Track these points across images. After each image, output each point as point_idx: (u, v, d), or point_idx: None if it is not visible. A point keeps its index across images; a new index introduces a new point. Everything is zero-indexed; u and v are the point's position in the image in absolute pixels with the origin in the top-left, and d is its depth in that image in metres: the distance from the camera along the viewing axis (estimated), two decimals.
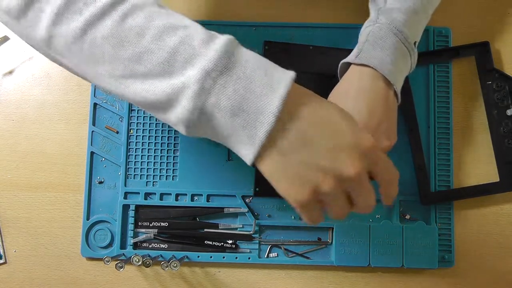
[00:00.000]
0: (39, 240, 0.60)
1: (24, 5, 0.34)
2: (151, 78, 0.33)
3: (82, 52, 0.34)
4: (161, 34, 0.33)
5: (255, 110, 0.33)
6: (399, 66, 0.48)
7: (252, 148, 0.34)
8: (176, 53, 0.33)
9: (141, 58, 0.33)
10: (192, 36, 0.34)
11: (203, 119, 0.33)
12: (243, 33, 0.62)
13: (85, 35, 0.33)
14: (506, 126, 0.59)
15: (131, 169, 0.60)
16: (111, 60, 0.34)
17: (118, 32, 0.33)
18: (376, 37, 0.48)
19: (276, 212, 0.60)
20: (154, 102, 0.34)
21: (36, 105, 0.62)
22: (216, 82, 0.33)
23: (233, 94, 0.33)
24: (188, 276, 0.59)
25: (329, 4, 0.63)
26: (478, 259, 0.60)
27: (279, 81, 0.34)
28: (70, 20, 0.33)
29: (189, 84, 0.32)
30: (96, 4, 0.33)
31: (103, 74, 0.35)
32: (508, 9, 0.63)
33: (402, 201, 0.60)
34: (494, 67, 0.60)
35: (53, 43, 0.35)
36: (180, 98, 0.33)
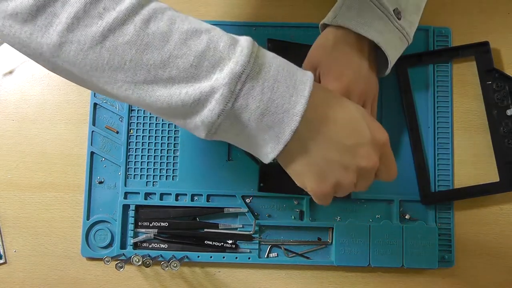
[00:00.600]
0: (39, 240, 0.60)
1: (36, 9, 0.32)
2: (176, 83, 0.33)
3: (99, 58, 0.33)
4: (186, 38, 0.33)
5: (282, 110, 0.34)
6: (378, 28, 0.49)
7: (277, 147, 0.35)
8: (203, 57, 0.33)
9: (166, 63, 0.33)
10: (216, 40, 0.34)
11: (228, 121, 0.34)
12: (243, 33, 0.61)
13: (105, 40, 0.32)
14: (506, 126, 0.59)
15: (131, 169, 0.60)
16: (133, 66, 0.33)
17: (142, 37, 0.33)
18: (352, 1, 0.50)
19: (276, 212, 0.60)
20: (178, 107, 0.34)
21: (36, 105, 0.62)
22: (244, 84, 0.33)
23: (260, 95, 0.34)
24: (188, 276, 0.59)
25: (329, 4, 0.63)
26: (478, 259, 0.60)
27: (302, 82, 0.35)
28: (88, 25, 0.32)
29: (218, 88, 0.33)
30: (117, 8, 0.32)
31: (122, 80, 0.34)
32: (508, 9, 0.63)
33: (402, 201, 0.60)
34: (494, 67, 0.60)
35: (65, 50, 0.33)
36: (208, 102, 0.33)
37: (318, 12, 0.63)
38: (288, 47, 0.60)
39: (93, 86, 0.36)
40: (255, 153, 0.38)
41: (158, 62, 0.33)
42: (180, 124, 0.36)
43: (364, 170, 0.38)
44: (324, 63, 0.50)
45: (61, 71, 0.36)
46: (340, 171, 0.37)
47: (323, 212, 0.59)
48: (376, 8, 0.49)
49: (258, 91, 0.33)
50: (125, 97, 0.35)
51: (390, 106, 0.61)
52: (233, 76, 0.33)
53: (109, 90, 0.35)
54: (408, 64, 0.61)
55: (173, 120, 0.36)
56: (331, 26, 0.51)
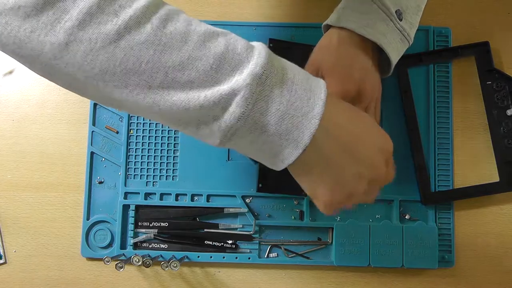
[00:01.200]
0: (39, 240, 0.60)
1: (43, 3, 0.29)
2: (195, 87, 0.32)
3: (111, 59, 0.31)
4: (204, 40, 0.32)
5: (300, 113, 0.33)
6: (380, 29, 0.49)
7: (295, 151, 0.34)
8: (222, 59, 0.32)
9: (185, 65, 0.31)
10: (234, 42, 0.33)
11: (246, 126, 0.33)
12: (243, 33, 0.62)
13: (121, 39, 0.30)
14: (506, 126, 0.59)
15: (131, 169, 0.60)
16: (149, 68, 0.31)
17: (160, 37, 0.31)
18: (354, 2, 0.50)
19: (276, 212, 0.60)
20: (195, 112, 0.32)
21: (36, 105, 0.62)
22: (264, 86, 0.32)
23: (280, 97, 0.33)
24: (188, 276, 0.59)
25: (329, 5, 0.63)
26: (478, 259, 0.60)
27: (317, 85, 0.35)
28: (102, 23, 0.30)
29: (239, 90, 0.31)
30: (133, 6, 0.31)
31: (135, 84, 0.32)
32: (508, 9, 0.63)
33: (402, 201, 0.60)
34: (494, 67, 0.60)
35: (72, 50, 0.30)
36: (228, 105, 0.32)
37: (318, 12, 0.63)
38: (290, 47, 0.60)
39: (96, 94, 0.33)
40: (268, 161, 0.36)
41: (177, 64, 0.31)
42: (191, 131, 0.34)
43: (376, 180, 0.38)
44: (328, 65, 0.50)
45: (60, 77, 0.33)
46: (355, 181, 0.37)
47: None
48: (379, 9, 0.49)
49: (278, 93, 0.33)
50: (133, 103, 0.33)
51: (390, 106, 0.61)
52: (254, 78, 0.32)
53: (116, 96, 0.33)
54: (408, 64, 0.61)
55: (183, 128, 0.34)
56: (334, 27, 0.51)
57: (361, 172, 0.37)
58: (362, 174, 0.37)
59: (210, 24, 0.61)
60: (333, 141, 0.35)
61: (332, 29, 0.51)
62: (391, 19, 0.50)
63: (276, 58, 0.34)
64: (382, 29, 0.49)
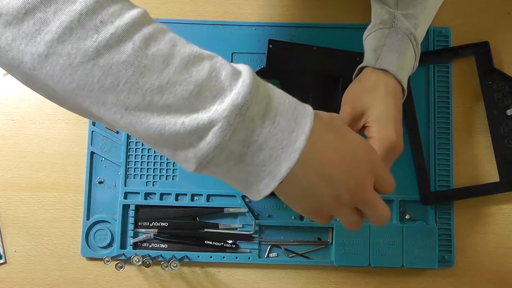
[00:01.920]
0: (39, 240, 0.60)
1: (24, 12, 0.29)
2: (172, 112, 0.30)
3: (89, 76, 0.30)
4: (187, 64, 0.31)
5: (280, 146, 0.32)
6: (408, 69, 0.51)
7: (271, 184, 0.33)
8: (203, 86, 0.31)
9: (164, 89, 0.30)
10: (218, 68, 0.32)
11: (222, 155, 0.32)
12: (243, 33, 0.62)
13: (99, 57, 0.29)
14: (506, 126, 0.59)
15: (131, 169, 0.60)
16: (127, 89, 0.30)
17: (140, 58, 0.30)
18: (394, 41, 0.50)
19: (276, 212, 0.60)
20: (170, 138, 0.31)
21: (36, 105, 0.62)
22: (244, 117, 0.31)
23: (260, 129, 0.31)
24: (188, 276, 0.59)
25: (329, 5, 0.63)
26: (478, 259, 0.60)
27: (303, 116, 0.33)
28: (82, 38, 0.29)
29: (217, 120, 0.30)
30: (116, 23, 0.29)
31: (112, 103, 0.31)
32: (508, 9, 0.63)
33: (402, 201, 0.60)
34: (494, 67, 0.60)
35: (51, 62, 0.30)
36: (204, 135, 0.31)
37: (318, 12, 0.63)
38: (290, 47, 0.60)
39: (75, 107, 0.33)
40: (245, 191, 0.35)
41: (156, 87, 0.30)
42: (168, 154, 0.33)
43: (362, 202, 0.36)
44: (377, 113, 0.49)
45: (40, 87, 0.32)
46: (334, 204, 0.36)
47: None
48: (412, 48, 0.51)
49: (259, 124, 0.31)
50: (111, 121, 0.32)
51: None
52: (234, 109, 0.30)
53: (95, 112, 0.32)
54: None
55: (160, 150, 0.34)
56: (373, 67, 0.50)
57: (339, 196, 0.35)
58: (341, 199, 0.35)
59: (210, 24, 0.62)
60: (312, 173, 0.34)
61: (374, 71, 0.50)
62: (416, 56, 0.52)
63: (262, 86, 0.33)
64: (410, 68, 0.51)
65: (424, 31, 0.53)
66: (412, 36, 0.50)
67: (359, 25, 0.61)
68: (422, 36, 0.53)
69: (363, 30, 0.55)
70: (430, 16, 0.54)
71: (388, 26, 0.51)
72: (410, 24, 0.51)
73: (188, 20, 0.62)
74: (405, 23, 0.50)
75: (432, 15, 0.54)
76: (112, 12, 0.30)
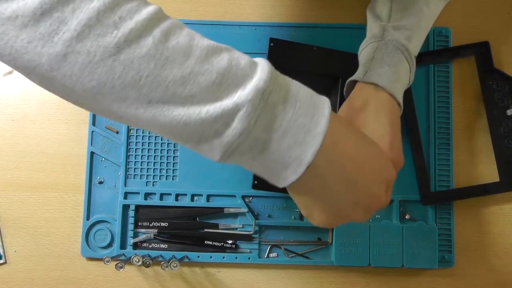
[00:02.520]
0: (39, 240, 0.60)
1: (41, 13, 0.29)
2: (196, 102, 0.31)
3: (109, 72, 0.30)
4: (207, 55, 0.32)
5: (303, 130, 0.32)
6: (403, 82, 0.49)
7: (298, 169, 0.33)
8: (225, 74, 0.31)
9: (187, 80, 0.31)
10: (237, 57, 0.32)
11: (247, 142, 0.32)
12: (243, 33, 0.62)
13: (120, 52, 0.29)
14: (506, 126, 0.59)
15: (131, 169, 0.60)
16: (149, 82, 0.30)
17: (161, 51, 0.30)
18: (383, 54, 0.49)
19: (276, 212, 0.60)
20: (196, 128, 0.32)
21: (36, 105, 0.62)
22: (268, 102, 0.31)
23: (283, 114, 0.32)
24: (188, 276, 0.59)
25: (328, 5, 0.63)
26: (478, 259, 0.60)
27: (322, 102, 0.34)
28: (101, 35, 0.29)
29: (242, 105, 0.31)
30: (134, 19, 0.30)
31: (134, 98, 0.31)
32: (508, 9, 0.63)
33: (402, 201, 0.60)
34: (494, 67, 0.60)
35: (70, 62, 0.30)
36: (230, 121, 0.31)
37: (317, 12, 0.63)
38: (291, 46, 0.60)
39: (94, 106, 0.33)
40: (271, 179, 0.35)
41: (178, 78, 0.30)
42: (191, 146, 0.34)
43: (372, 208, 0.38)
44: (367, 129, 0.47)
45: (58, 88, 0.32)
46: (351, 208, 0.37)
47: None
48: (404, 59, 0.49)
49: (281, 109, 0.32)
50: (133, 117, 0.32)
51: None
52: (257, 93, 0.31)
53: (115, 109, 0.32)
54: None
55: (183, 142, 0.34)
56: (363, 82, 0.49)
57: (358, 201, 0.36)
58: (359, 203, 0.36)
59: (210, 24, 0.62)
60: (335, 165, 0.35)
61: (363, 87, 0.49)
62: (411, 69, 0.50)
63: (279, 74, 0.34)
64: (405, 82, 0.50)
65: (419, 42, 0.52)
66: (403, 47, 0.49)
67: (359, 25, 0.62)
68: (417, 48, 0.52)
69: (363, 30, 0.55)
70: (425, 28, 0.52)
71: (378, 39, 0.50)
72: (402, 36, 0.49)
73: (188, 20, 0.62)
74: (395, 35, 0.49)
75: (427, 27, 0.53)
76: (130, 8, 0.30)
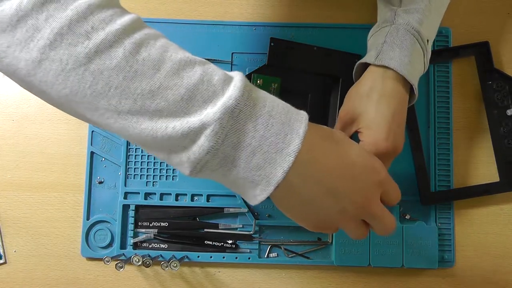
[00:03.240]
0: (39, 240, 0.60)
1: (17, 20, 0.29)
2: (164, 116, 0.31)
3: (81, 81, 0.30)
4: (178, 68, 0.31)
5: (274, 150, 0.32)
6: (416, 66, 0.48)
7: (267, 188, 0.32)
8: (195, 90, 0.31)
9: (155, 94, 0.30)
10: (210, 73, 0.32)
11: (216, 160, 0.32)
12: (243, 33, 0.62)
13: (90, 62, 0.30)
14: (506, 126, 0.59)
15: (131, 169, 0.60)
16: (118, 94, 0.30)
17: (131, 63, 0.30)
18: (394, 37, 0.48)
19: (276, 212, 0.60)
20: (163, 142, 0.32)
21: (36, 105, 0.62)
22: (237, 120, 0.31)
23: (253, 132, 0.31)
24: (188, 276, 0.59)
25: (328, 5, 0.63)
26: (478, 259, 0.60)
27: (297, 120, 0.33)
28: (73, 44, 0.29)
29: (209, 123, 0.30)
30: (107, 29, 0.30)
31: (104, 108, 0.31)
32: (508, 9, 0.63)
33: (402, 201, 0.59)
34: (494, 67, 0.60)
35: (44, 68, 0.30)
36: (197, 138, 0.31)
37: (317, 12, 0.63)
38: (291, 46, 0.60)
39: (71, 111, 0.33)
40: (243, 196, 0.35)
41: (147, 92, 0.30)
42: (164, 158, 0.34)
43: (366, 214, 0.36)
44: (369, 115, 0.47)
45: (37, 92, 0.32)
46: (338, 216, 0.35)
47: None
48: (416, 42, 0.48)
49: (251, 127, 0.31)
50: (106, 126, 0.32)
51: None
52: (226, 111, 0.30)
53: (89, 117, 0.32)
54: None
55: (156, 154, 0.34)
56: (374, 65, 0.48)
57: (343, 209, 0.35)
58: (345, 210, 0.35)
59: (210, 24, 0.62)
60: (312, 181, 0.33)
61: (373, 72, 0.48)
62: (424, 53, 0.49)
63: (254, 90, 0.33)
64: (419, 66, 0.49)
65: (432, 27, 0.51)
66: (414, 31, 0.48)
67: (359, 25, 0.62)
68: (431, 33, 0.50)
69: (363, 30, 0.55)
70: (437, 11, 0.51)
71: (389, 23, 0.50)
72: (413, 19, 0.48)
73: (188, 20, 0.62)
74: (406, 19, 0.48)
75: (439, 11, 0.52)
76: (103, 18, 0.30)
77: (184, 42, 0.61)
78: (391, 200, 0.38)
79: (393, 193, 0.38)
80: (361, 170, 0.35)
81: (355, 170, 0.35)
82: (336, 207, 0.35)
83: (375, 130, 0.46)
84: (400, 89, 0.47)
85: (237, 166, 0.32)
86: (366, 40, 0.54)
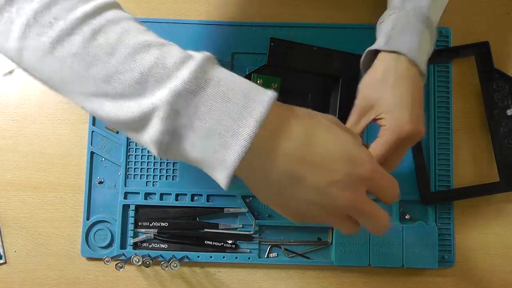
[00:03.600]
0: (39, 240, 0.60)
1: None
2: (122, 99, 0.32)
3: (52, 67, 0.33)
4: (133, 53, 0.31)
5: (229, 133, 0.31)
6: (425, 51, 0.48)
7: (225, 172, 0.31)
8: (149, 73, 0.31)
9: (111, 78, 0.31)
10: (165, 56, 0.32)
11: (174, 141, 0.32)
12: (243, 33, 0.62)
13: (54, 51, 0.32)
14: (506, 126, 0.59)
15: (131, 169, 0.60)
16: (81, 79, 0.32)
17: (88, 50, 0.31)
18: (404, 23, 0.48)
19: (276, 212, 0.59)
20: (126, 123, 0.33)
21: (36, 105, 0.62)
22: (189, 103, 0.31)
23: (206, 114, 0.31)
24: (188, 276, 0.59)
25: (328, 5, 0.63)
26: (478, 259, 0.60)
27: (258, 102, 0.31)
28: (40, 34, 0.31)
29: (159, 106, 0.31)
30: (67, 18, 0.31)
31: (75, 91, 0.33)
32: (508, 9, 0.63)
33: (402, 201, 0.60)
34: (494, 67, 0.60)
35: (25, 56, 0.33)
36: (150, 120, 0.31)
37: (317, 12, 0.63)
38: (290, 46, 0.60)
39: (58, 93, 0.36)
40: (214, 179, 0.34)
41: (103, 76, 0.31)
42: (134, 139, 0.34)
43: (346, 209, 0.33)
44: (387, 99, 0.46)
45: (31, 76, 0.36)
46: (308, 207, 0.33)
47: None
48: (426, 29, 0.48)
49: (204, 110, 0.31)
50: (83, 108, 0.35)
51: None
52: (174, 94, 0.30)
53: (70, 99, 0.35)
54: None
55: (128, 135, 0.35)
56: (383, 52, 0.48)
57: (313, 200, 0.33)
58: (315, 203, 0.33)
59: (210, 24, 0.62)
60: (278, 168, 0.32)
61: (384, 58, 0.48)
62: (432, 39, 0.49)
63: (211, 71, 0.32)
64: (427, 49, 0.48)
65: (439, 10, 0.51)
66: (424, 16, 0.48)
67: (359, 25, 0.62)
68: (437, 16, 0.50)
69: (363, 30, 0.55)
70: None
71: (398, 10, 0.49)
72: (422, 4, 0.48)
73: (188, 20, 0.62)
74: (415, 3, 0.48)
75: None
76: (66, 7, 0.32)
77: (184, 42, 0.61)
78: (385, 198, 0.36)
79: (387, 190, 0.35)
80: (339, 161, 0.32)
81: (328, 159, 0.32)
82: (305, 197, 0.33)
83: (397, 113, 0.45)
84: (414, 70, 0.47)
85: (194, 149, 0.32)
86: (366, 40, 0.53)
